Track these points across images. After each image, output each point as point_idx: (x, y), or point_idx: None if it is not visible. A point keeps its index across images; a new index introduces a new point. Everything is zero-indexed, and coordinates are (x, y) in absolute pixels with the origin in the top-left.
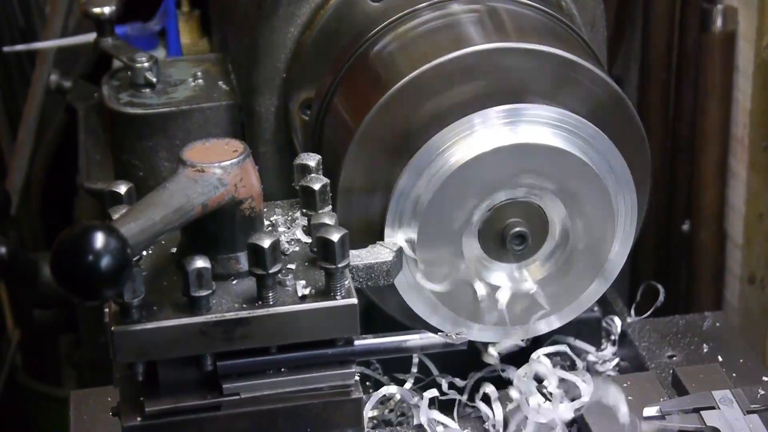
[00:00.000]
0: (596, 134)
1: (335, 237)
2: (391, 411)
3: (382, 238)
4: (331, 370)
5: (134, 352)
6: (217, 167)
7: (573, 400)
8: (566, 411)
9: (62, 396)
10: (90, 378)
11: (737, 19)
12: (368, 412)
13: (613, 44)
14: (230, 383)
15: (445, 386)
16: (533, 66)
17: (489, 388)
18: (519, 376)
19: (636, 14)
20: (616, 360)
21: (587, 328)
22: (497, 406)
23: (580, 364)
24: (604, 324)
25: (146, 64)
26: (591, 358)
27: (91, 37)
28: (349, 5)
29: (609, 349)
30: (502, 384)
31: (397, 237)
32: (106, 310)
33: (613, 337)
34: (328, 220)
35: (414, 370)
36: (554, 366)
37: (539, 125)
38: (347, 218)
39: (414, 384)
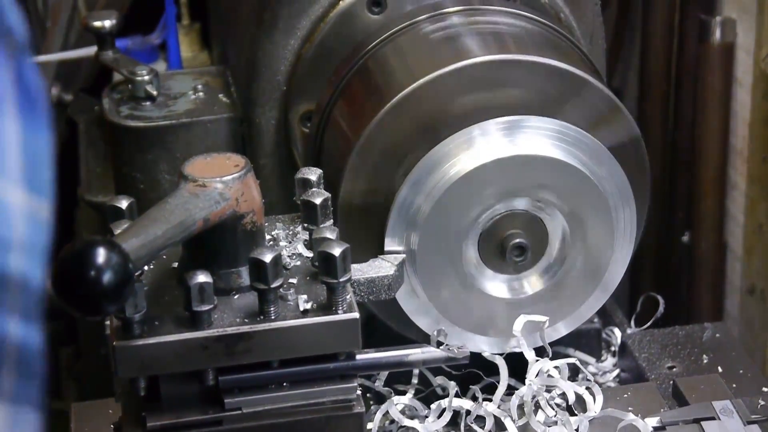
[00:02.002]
0: (595, 146)
1: (337, 251)
2: (392, 422)
3: (382, 250)
4: (332, 385)
5: (136, 367)
6: (219, 182)
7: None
8: (577, 425)
9: (62, 409)
10: (90, 390)
11: (736, 30)
12: (377, 423)
13: (611, 56)
14: (232, 398)
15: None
16: (532, 78)
17: (489, 407)
18: (525, 389)
19: (635, 26)
20: (616, 371)
21: (587, 339)
22: (509, 423)
23: (589, 376)
24: (603, 335)
25: (147, 77)
26: (591, 369)
27: (91, 50)
28: (349, 18)
29: (609, 361)
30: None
31: (397, 248)
32: (108, 322)
33: (613, 348)
34: (330, 235)
35: (414, 381)
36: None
37: (538, 137)
38: (347, 230)
39: (414, 395)
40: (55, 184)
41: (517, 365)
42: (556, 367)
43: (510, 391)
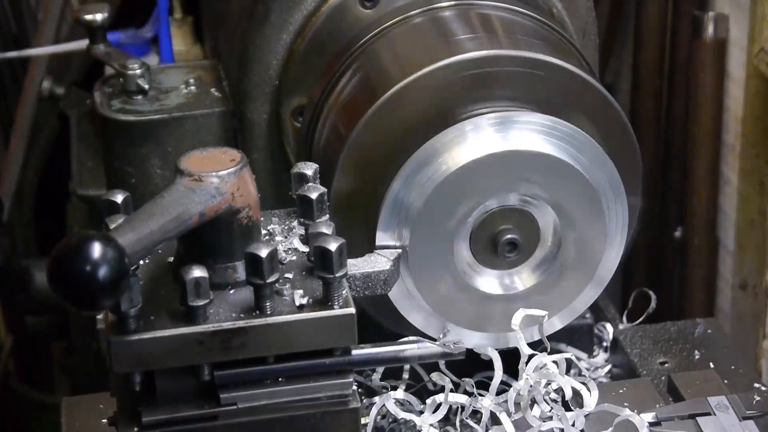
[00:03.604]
0: (587, 141)
1: (333, 246)
2: (383, 417)
3: (373, 244)
4: (328, 380)
5: (131, 362)
6: (215, 176)
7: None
8: (573, 420)
9: (54, 402)
10: (82, 384)
11: (728, 26)
12: (373, 418)
13: (604, 51)
14: (227, 393)
15: (450, 396)
16: (525, 73)
17: (485, 402)
18: (522, 384)
19: (627, 22)
20: (608, 367)
21: (579, 335)
22: (504, 418)
23: (584, 371)
24: (596, 331)
25: (138, 71)
26: (583, 365)
27: (83, 43)
28: (341, 12)
29: (601, 356)
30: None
31: (389, 243)
32: (100, 316)
33: (605, 344)
34: (326, 230)
35: (405, 376)
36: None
37: (530, 132)
38: (339, 224)
39: (405, 390)
40: (45, 174)
41: (509, 360)
42: (554, 362)
43: (503, 386)
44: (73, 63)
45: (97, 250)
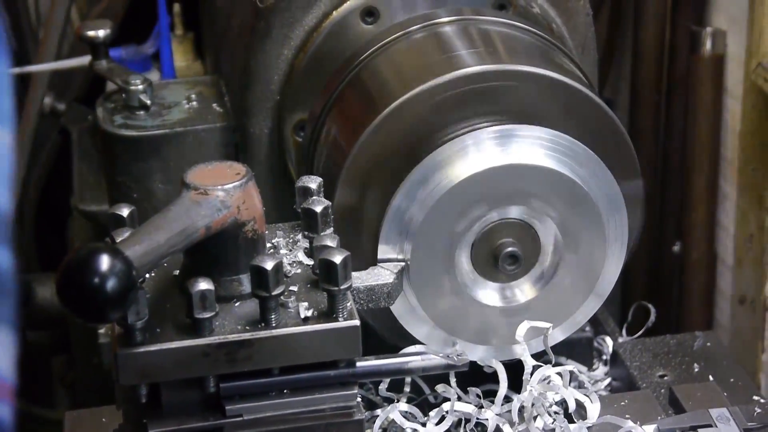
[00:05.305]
0: (587, 155)
1: (338, 259)
2: (384, 431)
3: (375, 257)
4: (333, 392)
5: (138, 374)
6: (220, 190)
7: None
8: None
9: (54, 418)
10: (82, 399)
11: (726, 41)
12: (377, 429)
13: (603, 66)
14: (233, 405)
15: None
16: (525, 88)
17: (489, 414)
18: (526, 396)
19: (626, 37)
20: (608, 380)
21: (579, 348)
22: (508, 430)
23: (587, 384)
24: (595, 344)
25: (140, 87)
26: (583, 377)
27: (85, 60)
28: (342, 28)
29: (601, 369)
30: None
31: (391, 256)
32: (102, 330)
33: (604, 357)
34: (331, 243)
35: (407, 389)
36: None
37: (531, 146)
38: (341, 238)
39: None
40: (47, 190)
41: (510, 372)
42: (558, 374)
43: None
44: (74, 79)
45: (105, 262)
